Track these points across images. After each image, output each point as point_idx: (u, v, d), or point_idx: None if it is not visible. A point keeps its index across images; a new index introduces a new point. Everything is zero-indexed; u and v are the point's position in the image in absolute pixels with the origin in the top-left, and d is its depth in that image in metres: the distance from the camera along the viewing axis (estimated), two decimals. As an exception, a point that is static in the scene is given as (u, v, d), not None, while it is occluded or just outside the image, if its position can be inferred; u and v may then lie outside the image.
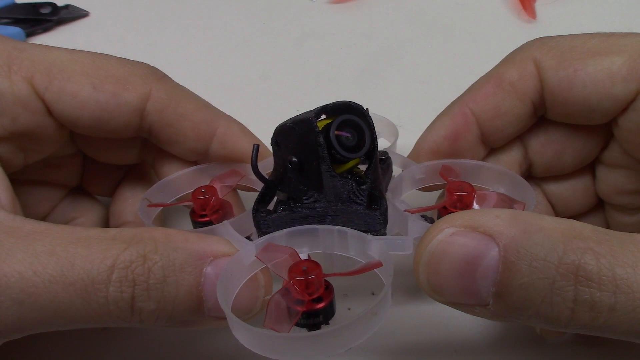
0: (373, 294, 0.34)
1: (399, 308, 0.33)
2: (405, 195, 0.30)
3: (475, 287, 0.21)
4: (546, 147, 0.30)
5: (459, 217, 0.21)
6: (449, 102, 0.49)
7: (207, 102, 0.32)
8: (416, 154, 0.32)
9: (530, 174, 0.32)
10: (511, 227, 0.20)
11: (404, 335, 0.32)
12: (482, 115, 0.30)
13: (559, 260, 0.20)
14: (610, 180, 0.30)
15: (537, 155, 0.31)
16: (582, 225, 0.21)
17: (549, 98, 0.28)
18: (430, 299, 0.34)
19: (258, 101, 0.50)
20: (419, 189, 0.31)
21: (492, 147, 0.31)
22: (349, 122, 0.25)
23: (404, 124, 0.45)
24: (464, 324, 0.33)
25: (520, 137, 0.31)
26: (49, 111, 0.29)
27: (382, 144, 0.31)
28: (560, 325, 0.20)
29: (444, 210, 0.27)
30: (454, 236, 0.21)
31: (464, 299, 0.21)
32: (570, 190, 0.32)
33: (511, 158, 0.31)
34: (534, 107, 0.29)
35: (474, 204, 0.27)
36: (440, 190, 0.32)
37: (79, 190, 0.37)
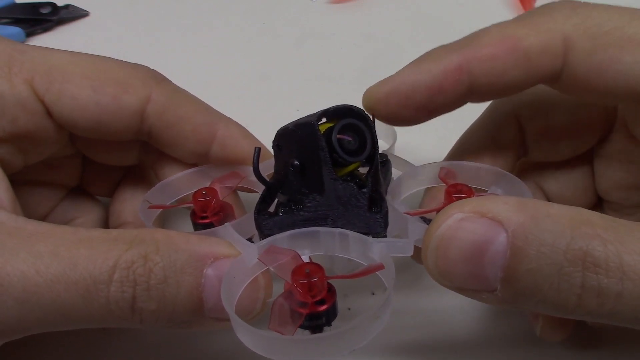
0: (373, 294, 0.34)
1: (400, 308, 0.33)
2: (404, 198, 0.30)
3: (483, 272, 0.21)
4: (544, 133, 0.30)
5: (467, 203, 0.21)
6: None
7: (207, 104, 0.33)
8: (385, 95, 0.27)
9: (525, 162, 0.32)
10: (519, 213, 0.20)
11: (404, 334, 0.33)
12: (479, 77, 0.26)
13: (567, 247, 0.20)
14: (608, 174, 0.30)
15: (534, 141, 0.30)
16: (590, 213, 0.21)
17: (569, 80, 0.26)
18: (429, 299, 0.34)
19: (258, 102, 0.50)
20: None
21: (471, 102, 0.28)
22: (351, 125, 0.26)
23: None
24: (464, 323, 0.33)
25: (518, 120, 0.30)
26: (49, 113, 0.29)
27: (381, 146, 0.31)
28: (567, 312, 0.20)
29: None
30: (462, 222, 0.21)
31: (472, 284, 0.21)
32: (570, 191, 0.32)
33: (508, 141, 0.30)
34: (541, 81, 0.27)
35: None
36: (424, 190, 0.32)
37: (79, 191, 0.37)
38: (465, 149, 0.31)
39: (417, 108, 0.27)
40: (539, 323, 0.30)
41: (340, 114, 0.26)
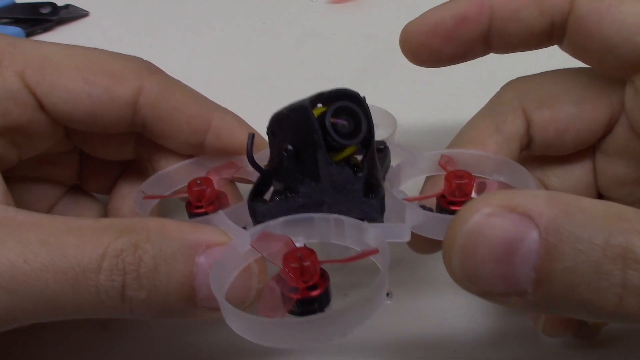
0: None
1: (399, 307, 0.33)
2: (404, 185, 0.30)
3: (514, 273, 0.19)
4: (550, 124, 0.29)
5: (495, 197, 0.19)
6: (449, 103, 0.48)
7: (201, 94, 0.32)
8: (417, 25, 0.30)
9: (527, 156, 0.32)
10: (551, 207, 0.19)
11: (403, 334, 0.32)
12: (497, 12, 0.28)
13: (605, 243, 0.18)
14: (611, 170, 0.30)
15: (539, 131, 0.30)
16: (622, 207, 0.19)
17: (572, 25, 0.27)
18: (428, 298, 0.34)
19: (258, 101, 0.50)
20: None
21: (491, 51, 0.30)
22: (345, 109, 0.25)
23: (403, 124, 0.45)
24: (464, 323, 0.32)
25: (524, 110, 0.30)
26: (41, 106, 0.29)
27: (381, 134, 0.31)
28: (605, 314, 0.19)
29: (442, 199, 0.27)
30: (490, 217, 0.19)
31: (501, 287, 0.19)
32: (572, 187, 0.31)
33: (513, 131, 0.30)
34: (551, 28, 0.28)
35: (473, 192, 0.26)
36: (424, 178, 0.31)
37: (77, 189, 0.36)
38: (468, 137, 0.30)
39: (444, 37, 0.29)
40: (541, 319, 0.29)
41: (335, 97, 0.25)
